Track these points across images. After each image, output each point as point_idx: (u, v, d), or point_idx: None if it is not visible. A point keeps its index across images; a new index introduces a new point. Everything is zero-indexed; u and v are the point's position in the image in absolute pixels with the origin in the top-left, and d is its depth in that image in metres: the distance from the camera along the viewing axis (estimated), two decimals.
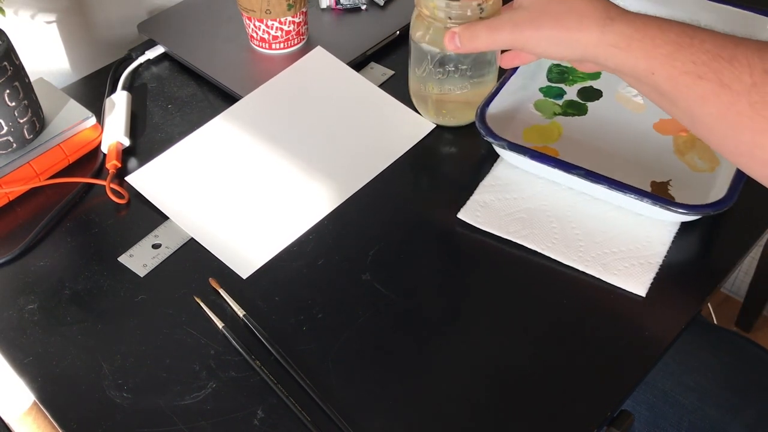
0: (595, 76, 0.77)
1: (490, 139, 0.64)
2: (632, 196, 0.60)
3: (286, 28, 0.79)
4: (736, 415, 0.73)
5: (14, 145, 0.66)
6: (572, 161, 0.63)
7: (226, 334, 0.57)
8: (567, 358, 0.55)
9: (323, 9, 0.86)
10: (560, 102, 0.74)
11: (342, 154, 0.70)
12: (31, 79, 0.67)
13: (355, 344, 0.56)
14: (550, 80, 0.76)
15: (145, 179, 0.69)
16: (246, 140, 0.71)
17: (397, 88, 0.78)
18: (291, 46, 0.81)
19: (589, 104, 0.74)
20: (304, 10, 0.79)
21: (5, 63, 0.62)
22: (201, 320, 0.58)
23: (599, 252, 0.61)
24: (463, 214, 0.64)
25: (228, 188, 0.68)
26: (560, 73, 0.77)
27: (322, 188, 0.68)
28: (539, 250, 0.61)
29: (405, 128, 0.73)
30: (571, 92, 0.75)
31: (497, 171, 0.68)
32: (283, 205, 0.66)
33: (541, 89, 0.76)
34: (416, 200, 0.67)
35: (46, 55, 0.80)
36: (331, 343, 0.56)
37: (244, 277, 0.61)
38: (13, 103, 0.64)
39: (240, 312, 0.58)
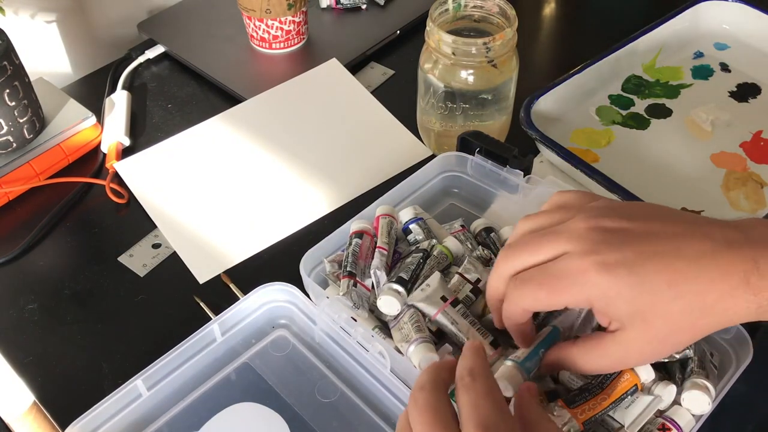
0: (674, 95, 0.73)
1: (525, 127, 0.64)
2: None
3: (286, 27, 0.79)
4: None
5: (14, 144, 0.66)
6: (608, 170, 0.60)
7: None
8: None
9: (323, 8, 0.86)
10: (624, 112, 0.71)
11: (334, 167, 0.69)
12: (31, 79, 0.67)
13: None
14: (624, 89, 0.73)
15: (131, 168, 0.69)
16: (239, 142, 0.71)
17: (397, 88, 0.78)
18: (291, 46, 0.81)
19: (654, 120, 0.70)
20: (304, 9, 0.79)
21: (5, 63, 0.62)
22: (201, 320, 0.58)
23: None
24: None
25: (211, 188, 0.67)
26: (638, 85, 0.73)
27: (304, 200, 0.66)
28: None
29: (403, 151, 0.70)
30: (641, 105, 0.72)
31: None
32: (262, 213, 0.65)
33: (610, 96, 0.72)
34: None
35: (46, 55, 0.80)
36: None
37: (201, 282, 0.60)
38: (13, 103, 0.64)
39: None
